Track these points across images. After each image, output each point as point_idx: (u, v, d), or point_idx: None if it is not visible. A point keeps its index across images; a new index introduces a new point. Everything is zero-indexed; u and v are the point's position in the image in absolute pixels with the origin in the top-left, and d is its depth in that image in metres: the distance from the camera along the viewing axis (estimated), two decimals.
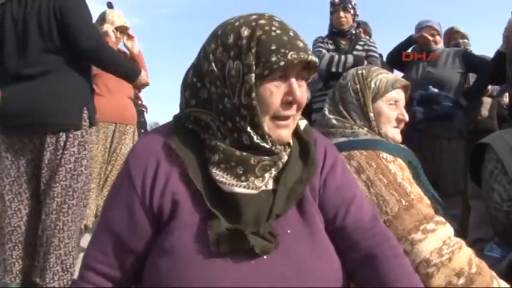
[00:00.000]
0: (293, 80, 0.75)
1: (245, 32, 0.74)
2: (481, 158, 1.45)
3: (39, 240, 1.81)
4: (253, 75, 0.72)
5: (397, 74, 3.32)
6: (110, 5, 2.92)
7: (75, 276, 1.81)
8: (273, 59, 0.72)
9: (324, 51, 2.76)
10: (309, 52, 0.75)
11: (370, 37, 3.24)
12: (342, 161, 0.90)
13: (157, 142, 0.79)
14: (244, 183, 0.73)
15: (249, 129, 0.74)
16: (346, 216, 0.82)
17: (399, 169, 1.06)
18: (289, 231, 0.75)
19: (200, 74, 0.79)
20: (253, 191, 0.73)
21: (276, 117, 0.76)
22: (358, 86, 1.20)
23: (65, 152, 1.82)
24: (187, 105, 0.81)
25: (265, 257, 0.70)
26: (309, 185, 0.81)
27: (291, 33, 0.75)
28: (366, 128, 1.16)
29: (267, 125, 0.76)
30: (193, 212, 0.74)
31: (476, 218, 1.51)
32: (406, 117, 1.23)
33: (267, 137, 0.75)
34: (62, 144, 1.83)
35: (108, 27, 2.74)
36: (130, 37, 2.86)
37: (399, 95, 1.23)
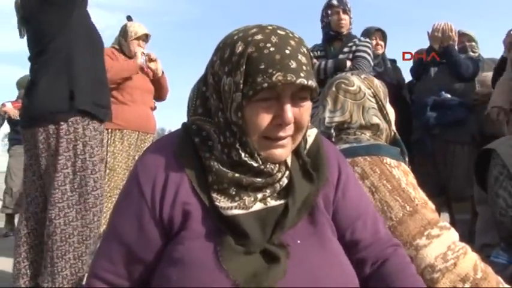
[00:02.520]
0: (285, 102, 0.71)
1: (239, 48, 0.72)
2: (487, 163, 1.45)
3: (45, 245, 1.83)
4: (240, 94, 0.71)
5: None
6: (129, 18, 3.04)
7: (85, 280, 1.83)
8: (259, 79, 0.69)
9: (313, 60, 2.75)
10: (302, 74, 0.70)
11: (385, 43, 3.19)
12: (353, 174, 0.91)
13: (167, 151, 0.79)
14: (236, 204, 0.73)
15: (237, 145, 0.73)
16: (364, 229, 0.83)
17: (403, 174, 1.06)
18: (299, 242, 0.74)
19: (207, 84, 0.79)
20: (244, 211, 0.73)
21: (267, 137, 0.74)
22: (372, 91, 1.19)
23: (59, 158, 1.82)
24: (195, 113, 0.81)
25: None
26: (323, 196, 0.81)
27: (287, 51, 0.70)
28: (368, 134, 1.16)
29: (257, 143, 0.74)
30: (204, 222, 0.73)
31: (483, 223, 1.51)
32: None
33: (256, 155, 0.74)
34: (54, 148, 1.83)
35: (138, 50, 2.86)
36: (152, 60, 2.98)
37: None
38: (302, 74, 0.70)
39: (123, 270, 0.77)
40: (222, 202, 0.73)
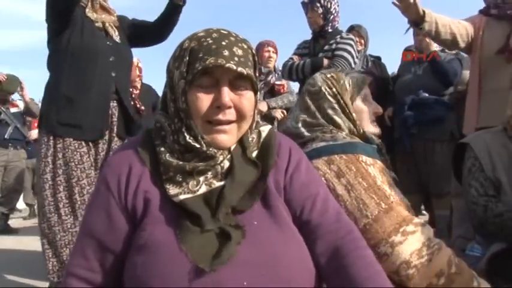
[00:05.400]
0: (222, 85, 0.80)
1: (185, 45, 0.83)
2: (463, 156, 1.49)
3: (47, 238, 1.98)
4: (184, 81, 0.81)
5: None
6: None
7: None
8: (196, 65, 0.80)
9: (295, 58, 2.69)
10: (232, 61, 0.78)
11: (365, 41, 3.14)
12: (307, 161, 0.94)
13: (130, 149, 0.87)
14: (181, 189, 0.80)
15: (183, 129, 0.82)
16: (312, 211, 0.85)
17: (378, 172, 1.06)
18: (255, 223, 0.79)
19: (166, 83, 0.89)
20: (190, 195, 0.79)
21: (210, 122, 0.82)
22: (334, 90, 1.19)
23: (41, 177, 1.95)
24: (158, 110, 0.91)
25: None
26: (274, 181, 0.86)
27: (224, 43, 0.80)
28: (344, 132, 1.16)
29: (201, 127, 0.82)
30: (163, 208, 0.79)
31: (458, 216, 1.55)
32: (380, 109, 1.26)
33: (199, 138, 0.81)
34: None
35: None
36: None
37: (367, 89, 1.25)
38: (232, 61, 0.78)
39: (96, 264, 0.80)
40: (171, 190, 0.79)
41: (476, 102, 2.11)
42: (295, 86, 3.39)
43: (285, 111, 3.25)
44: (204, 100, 0.80)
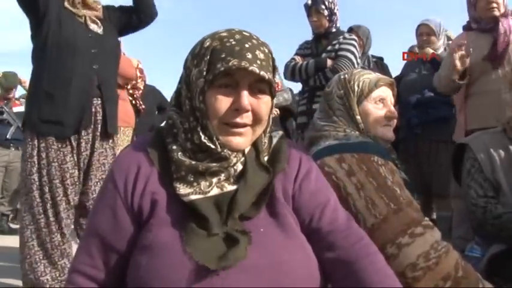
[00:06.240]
0: (242, 88, 0.80)
1: (206, 43, 0.82)
2: (462, 157, 1.50)
3: (39, 239, 1.94)
4: (203, 80, 0.80)
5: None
6: None
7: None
8: (218, 65, 0.78)
9: (297, 59, 2.69)
10: (255, 64, 0.78)
11: (364, 42, 3.11)
12: (317, 169, 0.94)
13: (140, 148, 0.86)
14: (193, 190, 0.79)
15: (198, 129, 0.81)
16: (321, 218, 0.85)
17: (389, 172, 1.05)
18: (262, 230, 0.79)
19: (181, 79, 0.88)
20: (201, 196, 0.78)
21: (226, 123, 0.81)
22: (342, 91, 1.20)
23: (27, 178, 1.91)
24: (171, 107, 0.89)
25: None
26: (282, 189, 0.86)
27: (247, 45, 0.80)
28: (357, 132, 1.15)
29: (217, 128, 0.81)
30: (170, 210, 0.78)
31: (457, 217, 1.56)
32: (395, 114, 1.21)
33: (214, 138, 0.80)
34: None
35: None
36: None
37: (385, 92, 1.21)
38: (255, 65, 0.78)
39: (100, 261, 0.81)
40: (181, 189, 0.79)
41: (464, 106, 2.27)
42: (296, 87, 3.40)
43: (277, 110, 3.25)
44: (223, 102, 0.79)
